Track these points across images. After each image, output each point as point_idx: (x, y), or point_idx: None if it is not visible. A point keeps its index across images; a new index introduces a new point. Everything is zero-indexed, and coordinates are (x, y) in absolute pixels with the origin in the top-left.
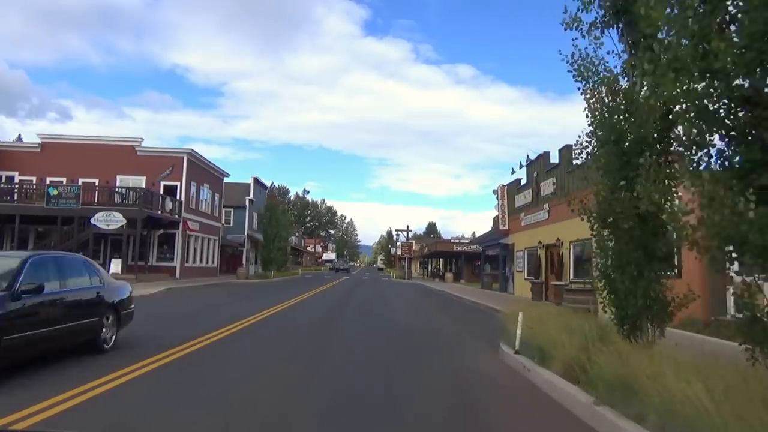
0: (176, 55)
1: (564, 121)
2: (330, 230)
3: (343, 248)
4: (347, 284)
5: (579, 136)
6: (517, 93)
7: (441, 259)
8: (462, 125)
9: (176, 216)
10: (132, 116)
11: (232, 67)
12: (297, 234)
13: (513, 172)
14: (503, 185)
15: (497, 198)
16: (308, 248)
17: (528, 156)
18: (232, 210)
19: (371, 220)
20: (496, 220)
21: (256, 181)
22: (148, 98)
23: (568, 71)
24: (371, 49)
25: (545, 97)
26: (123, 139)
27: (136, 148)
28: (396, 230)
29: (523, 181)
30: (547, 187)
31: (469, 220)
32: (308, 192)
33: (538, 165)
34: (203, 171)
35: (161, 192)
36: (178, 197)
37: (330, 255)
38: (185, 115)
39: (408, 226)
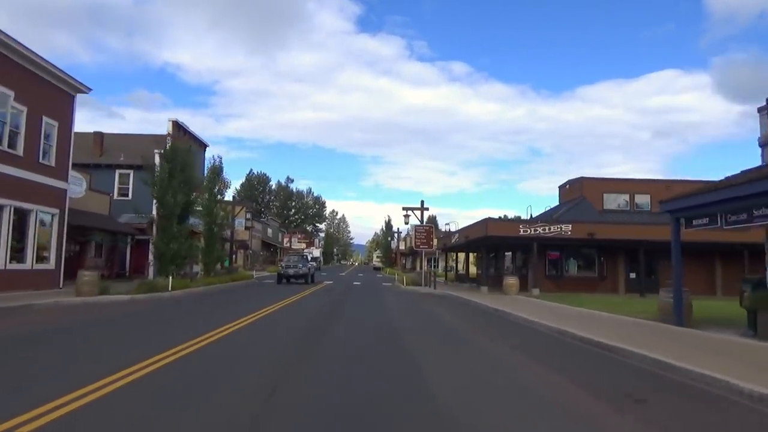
0: (167, 54)
1: (558, 118)
2: (318, 224)
3: (333, 245)
4: (304, 316)
5: None
6: (511, 90)
7: (471, 255)
8: (456, 122)
9: None
10: (122, 115)
11: (224, 65)
12: (246, 217)
13: None
14: None
15: None
16: (286, 243)
17: None
18: (132, 172)
19: (365, 218)
20: (567, 186)
21: (178, 126)
22: (138, 97)
23: None
24: (364, 46)
25: (539, 94)
26: None
27: None
28: (405, 209)
29: None
30: None
31: (465, 218)
32: (292, 180)
33: None
34: None
35: None
36: None
37: (315, 252)
38: (177, 114)
39: (423, 202)
